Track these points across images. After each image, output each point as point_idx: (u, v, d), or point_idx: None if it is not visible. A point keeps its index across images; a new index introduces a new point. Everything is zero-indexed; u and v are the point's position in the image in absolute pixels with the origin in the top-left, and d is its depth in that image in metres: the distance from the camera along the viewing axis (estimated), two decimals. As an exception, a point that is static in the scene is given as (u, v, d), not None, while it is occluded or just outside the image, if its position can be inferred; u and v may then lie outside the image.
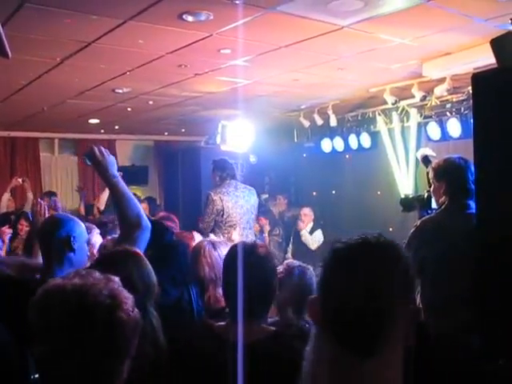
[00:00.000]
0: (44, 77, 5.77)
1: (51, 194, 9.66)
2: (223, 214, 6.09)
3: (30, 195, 8.72)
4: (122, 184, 3.02)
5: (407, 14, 4.22)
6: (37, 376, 1.89)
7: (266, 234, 9.02)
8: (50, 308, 1.52)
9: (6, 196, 8.13)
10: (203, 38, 4.70)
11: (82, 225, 3.18)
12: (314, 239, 8.67)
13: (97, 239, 4.38)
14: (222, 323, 2.43)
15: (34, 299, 1.56)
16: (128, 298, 1.58)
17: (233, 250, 2.54)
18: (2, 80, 5.81)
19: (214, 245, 3.44)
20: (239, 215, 6.18)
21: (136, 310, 1.59)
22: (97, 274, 1.61)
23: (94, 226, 4.63)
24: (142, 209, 3.09)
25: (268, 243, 8.94)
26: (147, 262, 2.58)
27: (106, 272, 1.69)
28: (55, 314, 1.50)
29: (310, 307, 1.41)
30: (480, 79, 3.15)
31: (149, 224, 3.01)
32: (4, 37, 2.65)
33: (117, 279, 1.63)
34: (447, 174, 3.69)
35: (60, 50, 4.91)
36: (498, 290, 2.99)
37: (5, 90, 6.49)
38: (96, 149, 3.03)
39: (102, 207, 8.06)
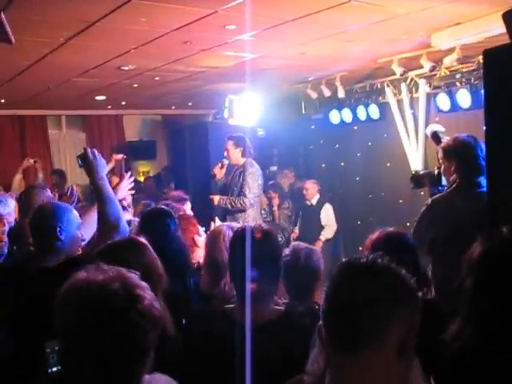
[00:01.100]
0: (48, 57, 5.72)
1: (59, 172, 9.68)
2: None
3: (41, 175, 8.72)
4: (108, 187, 3.23)
5: (415, -15, 4.14)
6: (54, 369, 1.92)
7: (276, 208, 9.02)
8: (74, 305, 1.53)
9: (18, 177, 8.07)
10: (208, 15, 4.62)
11: (74, 212, 3.28)
12: (329, 222, 8.66)
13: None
14: (232, 306, 2.45)
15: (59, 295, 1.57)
16: (149, 293, 1.58)
17: (237, 234, 2.56)
18: (6, 61, 5.76)
19: (232, 230, 3.42)
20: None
21: (157, 304, 1.60)
22: (117, 270, 1.62)
23: None
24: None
25: (278, 217, 8.96)
26: (152, 251, 2.60)
27: (111, 261, 1.70)
28: (78, 312, 1.51)
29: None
30: (491, 54, 3.09)
31: (127, 228, 3.22)
32: (7, 24, 2.62)
33: (136, 275, 1.64)
34: (457, 152, 3.65)
35: (63, 30, 4.84)
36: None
37: (10, 71, 6.44)
38: (89, 151, 3.30)
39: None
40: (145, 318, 1.51)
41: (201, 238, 3.90)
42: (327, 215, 8.65)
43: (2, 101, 8.82)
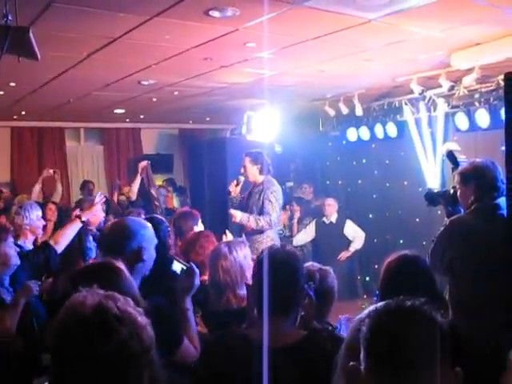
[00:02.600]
0: (70, 71, 5.81)
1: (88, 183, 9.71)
2: None
3: (60, 186, 8.79)
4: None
5: (435, 6, 4.14)
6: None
7: (296, 221, 8.99)
8: (60, 334, 1.53)
9: (38, 187, 8.14)
10: (229, 33, 4.67)
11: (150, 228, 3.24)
12: (357, 234, 8.64)
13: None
14: (253, 329, 2.44)
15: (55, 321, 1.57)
16: (140, 318, 1.57)
17: (262, 255, 2.55)
18: (29, 74, 5.84)
19: (229, 247, 3.45)
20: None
21: (149, 328, 1.57)
22: (106, 295, 1.60)
23: None
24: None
25: (297, 231, 8.92)
26: (128, 276, 2.61)
27: (90, 283, 1.69)
28: (62, 340, 1.51)
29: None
30: (512, 78, 3.09)
31: None
32: (34, 42, 2.67)
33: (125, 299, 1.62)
34: (475, 175, 3.63)
35: (86, 46, 4.93)
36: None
37: (32, 84, 6.55)
38: None
39: (134, 197, 8.01)
40: (135, 341, 1.49)
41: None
42: (352, 229, 8.64)
43: (23, 113, 8.93)
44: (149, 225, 3.25)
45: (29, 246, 4.74)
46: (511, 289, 3.07)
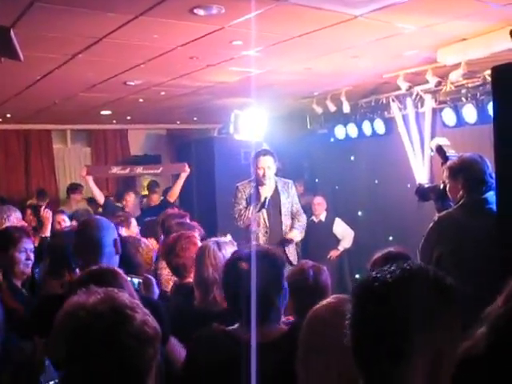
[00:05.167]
0: (55, 72, 5.75)
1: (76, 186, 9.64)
2: None
3: None
4: None
5: (421, 2, 4.15)
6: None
7: None
8: (63, 334, 1.52)
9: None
10: (215, 31, 4.64)
11: None
12: (346, 232, 8.63)
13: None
14: (234, 327, 2.44)
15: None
16: (140, 312, 1.56)
17: (235, 256, 2.58)
18: (13, 76, 5.79)
19: (218, 245, 3.41)
20: None
21: (151, 322, 1.56)
22: (106, 291, 1.60)
23: None
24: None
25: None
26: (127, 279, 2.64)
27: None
28: (67, 340, 1.50)
29: None
30: (500, 71, 3.08)
31: None
32: (16, 42, 2.63)
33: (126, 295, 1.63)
34: (463, 169, 3.63)
35: (71, 46, 4.87)
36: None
37: (17, 86, 6.48)
38: None
39: (172, 200, 7.95)
40: (136, 339, 1.48)
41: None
42: (341, 227, 8.64)
43: (8, 115, 8.86)
44: None
45: None
46: (499, 284, 3.06)
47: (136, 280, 3.41)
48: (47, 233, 5.47)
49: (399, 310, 1.33)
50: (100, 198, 7.93)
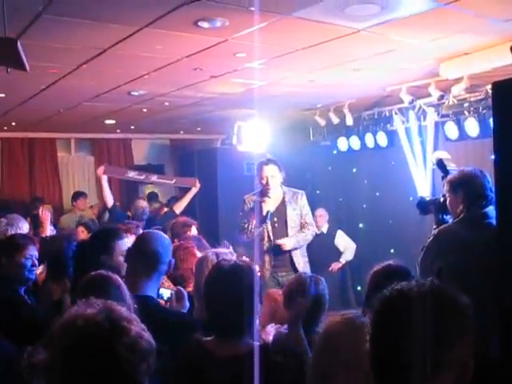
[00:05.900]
0: (60, 82, 5.80)
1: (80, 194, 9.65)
2: None
3: None
4: None
5: (424, 16, 4.17)
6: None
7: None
8: (60, 344, 1.54)
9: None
10: (218, 43, 4.68)
11: None
12: (348, 245, 8.62)
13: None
14: (210, 338, 2.46)
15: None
16: (136, 325, 1.58)
17: (213, 269, 2.60)
18: (20, 85, 5.83)
19: (217, 256, 3.43)
20: None
21: (146, 336, 1.58)
22: (104, 303, 1.62)
23: None
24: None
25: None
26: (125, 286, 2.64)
27: (89, 295, 1.71)
28: (63, 351, 1.52)
29: None
30: (500, 87, 3.11)
31: None
32: (22, 53, 2.67)
33: (124, 308, 1.65)
34: (463, 184, 3.65)
35: (76, 56, 4.93)
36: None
37: (22, 95, 6.54)
38: None
39: (178, 211, 7.96)
40: (131, 351, 1.50)
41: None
42: (343, 239, 8.64)
43: (13, 123, 8.91)
44: None
45: None
46: (498, 298, 3.08)
47: (166, 291, 3.38)
48: (46, 232, 5.52)
49: (424, 325, 1.37)
50: (110, 200, 7.78)
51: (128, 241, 5.32)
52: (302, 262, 5.74)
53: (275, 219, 5.70)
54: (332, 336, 2.10)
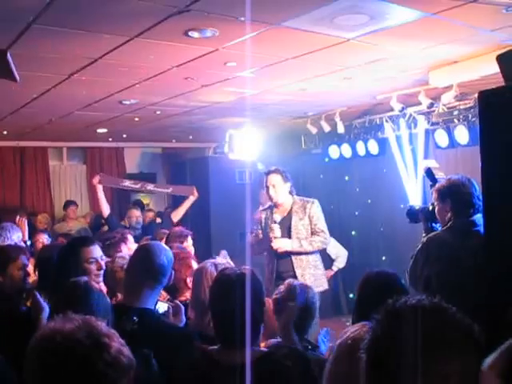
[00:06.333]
0: (52, 91, 5.81)
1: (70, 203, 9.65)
2: None
3: None
4: None
5: (413, 26, 4.21)
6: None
7: None
8: (39, 359, 1.52)
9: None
10: (209, 53, 4.71)
11: None
12: (339, 252, 8.62)
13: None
14: (215, 347, 2.47)
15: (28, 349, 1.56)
16: (116, 341, 1.56)
17: (219, 277, 2.60)
18: (11, 94, 5.85)
19: (216, 266, 3.43)
20: None
21: (126, 352, 1.57)
22: (84, 319, 1.60)
23: None
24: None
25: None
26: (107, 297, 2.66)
27: (71, 307, 1.72)
28: (42, 365, 1.51)
29: None
30: (486, 96, 3.14)
31: None
32: (12, 63, 2.68)
33: (103, 323, 1.63)
34: (451, 192, 3.69)
35: (67, 66, 4.94)
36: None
37: (14, 103, 6.54)
38: None
39: (175, 220, 7.93)
40: (112, 367, 1.49)
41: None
42: (335, 247, 8.62)
43: (5, 132, 8.90)
44: None
45: None
46: (486, 306, 3.10)
47: (163, 305, 3.36)
48: (25, 238, 5.71)
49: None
50: (106, 210, 7.67)
51: (123, 250, 5.34)
52: (307, 275, 5.55)
53: (280, 228, 5.61)
54: (357, 343, 2.09)
